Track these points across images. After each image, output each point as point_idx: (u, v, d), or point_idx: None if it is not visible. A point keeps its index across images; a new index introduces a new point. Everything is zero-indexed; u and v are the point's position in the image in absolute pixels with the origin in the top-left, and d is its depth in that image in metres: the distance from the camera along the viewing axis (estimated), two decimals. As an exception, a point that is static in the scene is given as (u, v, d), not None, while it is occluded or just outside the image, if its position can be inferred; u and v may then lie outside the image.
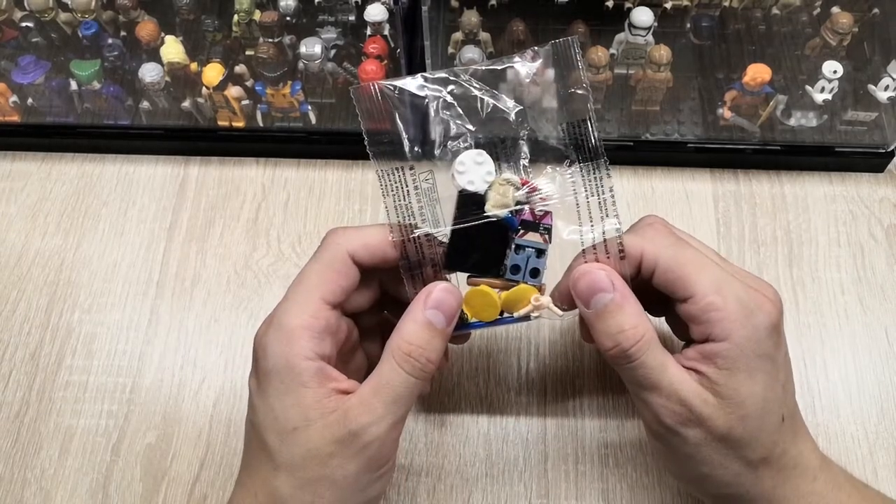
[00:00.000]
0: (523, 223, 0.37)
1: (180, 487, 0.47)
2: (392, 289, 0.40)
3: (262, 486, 0.36)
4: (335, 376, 0.36)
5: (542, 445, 0.48)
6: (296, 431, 0.35)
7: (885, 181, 0.57)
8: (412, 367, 0.35)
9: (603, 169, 0.36)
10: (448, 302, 0.36)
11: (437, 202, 0.37)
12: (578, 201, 0.37)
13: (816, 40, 0.57)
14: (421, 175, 0.37)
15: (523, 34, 0.57)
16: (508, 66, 0.37)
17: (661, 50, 0.54)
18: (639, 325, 0.35)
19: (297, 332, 0.35)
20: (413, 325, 0.36)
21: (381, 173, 0.37)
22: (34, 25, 0.59)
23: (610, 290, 0.36)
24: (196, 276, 0.55)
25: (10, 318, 0.53)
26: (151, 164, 0.60)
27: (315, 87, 0.59)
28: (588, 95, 0.36)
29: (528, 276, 0.38)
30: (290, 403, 0.35)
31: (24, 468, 0.48)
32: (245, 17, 0.58)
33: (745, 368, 0.35)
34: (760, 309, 0.35)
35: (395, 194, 0.37)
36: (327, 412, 0.35)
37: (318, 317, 0.36)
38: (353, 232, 0.38)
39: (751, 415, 0.35)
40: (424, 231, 0.37)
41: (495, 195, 0.37)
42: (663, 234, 0.37)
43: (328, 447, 0.34)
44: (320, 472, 0.34)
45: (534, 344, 0.51)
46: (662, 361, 0.35)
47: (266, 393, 0.36)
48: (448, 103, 0.37)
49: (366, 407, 0.35)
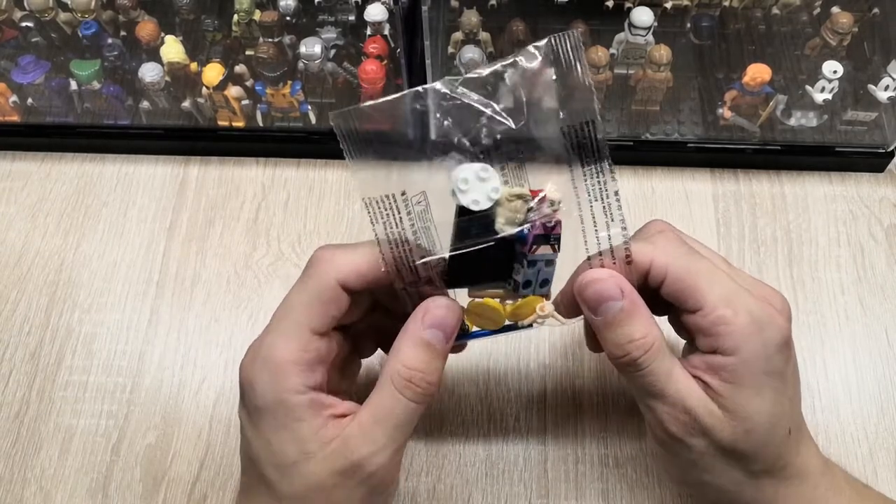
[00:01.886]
0: (536, 238, 0.34)
1: (180, 487, 0.47)
2: (384, 301, 0.39)
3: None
4: (329, 402, 0.34)
5: (542, 445, 0.48)
6: (296, 465, 0.33)
7: (885, 181, 0.57)
8: (413, 392, 0.34)
9: (607, 172, 0.34)
10: (447, 319, 0.34)
11: (432, 223, 0.35)
12: (581, 206, 0.35)
13: (816, 40, 0.57)
14: (413, 198, 0.34)
15: (523, 34, 0.57)
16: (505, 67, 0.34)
17: (661, 50, 0.54)
18: (648, 335, 0.34)
19: (286, 367, 0.34)
20: (411, 347, 0.34)
21: (369, 202, 0.34)
22: (34, 25, 0.59)
23: (619, 298, 0.34)
24: (196, 276, 0.55)
25: (10, 318, 0.53)
26: (151, 164, 0.60)
27: (315, 87, 0.59)
28: (592, 94, 0.33)
29: (539, 288, 0.36)
30: (287, 439, 0.34)
31: (24, 468, 0.48)
32: (245, 17, 0.58)
33: (753, 385, 0.34)
34: (771, 324, 0.34)
35: (385, 222, 0.34)
36: (326, 443, 0.33)
37: (307, 349, 0.34)
38: (342, 256, 0.35)
39: (756, 430, 0.34)
40: (422, 261, 0.34)
41: (505, 212, 0.34)
42: (675, 244, 0.36)
43: (331, 479, 0.33)
44: (326, 502, 0.34)
45: (534, 344, 0.51)
46: (670, 369, 0.34)
47: (259, 428, 0.34)
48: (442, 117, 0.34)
49: (367, 437, 0.33)
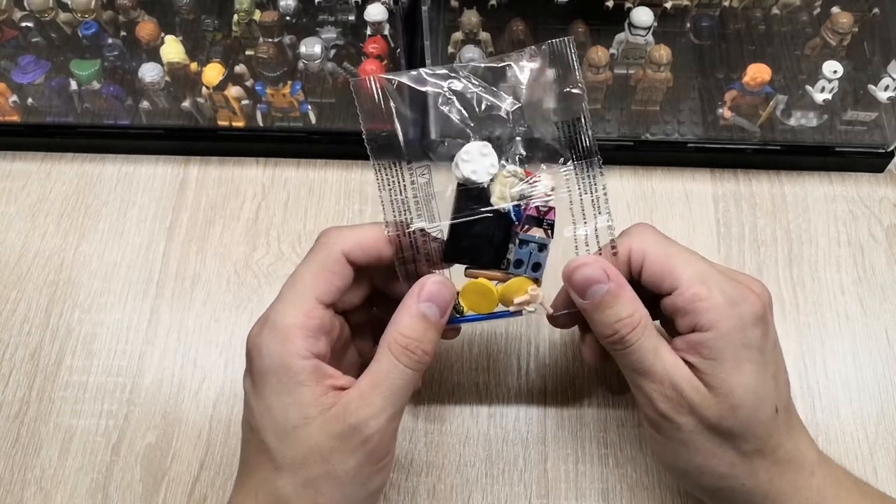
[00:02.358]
0: (528, 219, 0.37)
1: (180, 487, 0.47)
2: (383, 285, 0.41)
3: (262, 486, 0.36)
4: (331, 373, 0.36)
5: (542, 445, 0.48)
6: (295, 430, 0.35)
7: (885, 181, 0.57)
8: (409, 359, 0.36)
9: (596, 167, 0.37)
10: (441, 294, 0.37)
11: (433, 197, 0.38)
12: (572, 199, 0.38)
13: (816, 40, 0.57)
14: (418, 170, 0.38)
15: (523, 34, 0.57)
16: (507, 64, 0.38)
17: (661, 50, 0.54)
18: (635, 313, 0.36)
19: (293, 332, 0.35)
20: (408, 318, 0.36)
21: (378, 167, 0.37)
22: (34, 25, 0.59)
23: (605, 281, 0.36)
24: (196, 276, 0.55)
25: (10, 318, 0.53)
26: (151, 164, 0.60)
27: (315, 87, 0.59)
28: (583, 95, 0.37)
29: (530, 270, 0.38)
30: (289, 402, 0.35)
31: (24, 468, 0.48)
32: (245, 16, 0.58)
33: (732, 358, 0.35)
34: (745, 300, 0.36)
35: (391, 189, 0.37)
36: (326, 408, 0.35)
37: (312, 316, 0.36)
38: (348, 231, 0.38)
39: (742, 405, 0.35)
40: (420, 226, 0.38)
41: (500, 187, 0.37)
42: (651, 233, 0.39)
43: (329, 443, 0.34)
44: (322, 469, 0.35)
45: (534, 344, 0.51)
46: (656, 346, 0.36)
47: (262, 393, 0.36)
48: (447, 99, 0.37)
49: (365, 400, 0.35)
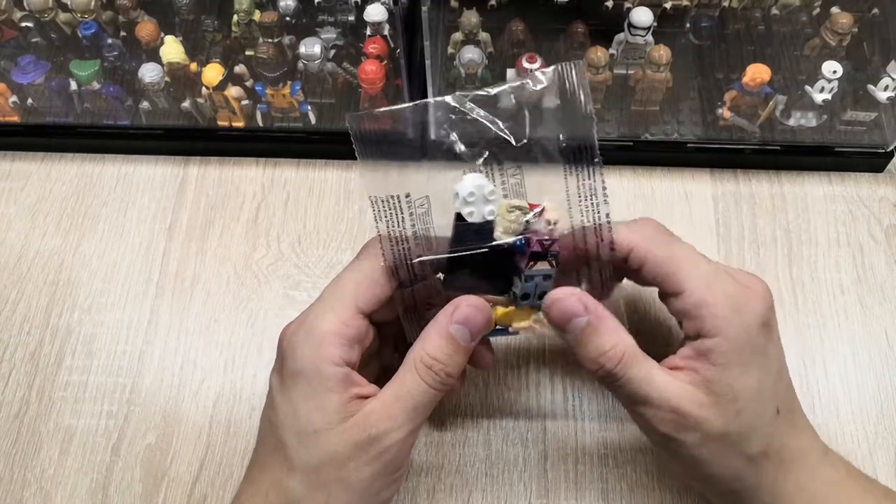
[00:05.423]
0: (533, 255, 0.36)
1: (180, 487, 0.47)
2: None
3: (274, 484, 0.36)
4: (359, 381, 0.37)
5: (542, 445, 0.48)
6: (316, 434, 0.35)
7: (884, 181, 0.57)
8: (433, 379, 0.36)
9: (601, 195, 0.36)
10: (475, 318, 0.36)
11: (432, 226, 0.37)
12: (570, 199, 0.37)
13: (816, 40, 0.57)
14: (416, 201, 0.37)
15: (523, 34, 0.57)
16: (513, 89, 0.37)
17: (661, 50, 0.54)
18: (618, 344, 0.36)
19: (329, 338, 0.36)
20: (437, 337, 0.36)
21: (375, 200, 0.36)
22: (34, 25, 0.59)
23: (583, 314, 0.36)
24: (196, 276, 0.55)
25: (10, 318, 0.53)
26: (151, 164, 0.59)
27: (315, 88, 0.59)
28: (593, 122, 0.36)
29: (536, 300, 0.38)
30: (314, 406, 0.35)
31: (23, 468, 0.48)
32: (245, 17, 0.58)
33: (739, 363, 0.35)
34: (749, 303, 0.36)
35: (388, 220, 0.37)
36: (348, 416, 0.35)
37: (350, 324, 0.37)
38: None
39: (745, 409, 0.35)
40: (420, 259, 0.37)
41: (504, 222, 0.36)
42: (655, 230, 0.38)
43: (347, 450, 0.35)
44: (336, 475, 0.35)
45: (534, 344, 0.51)
46: (647, 372, 0.35)
47: (290, 394, 0.36)
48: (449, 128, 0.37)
49: (387, 413, 0.35)
